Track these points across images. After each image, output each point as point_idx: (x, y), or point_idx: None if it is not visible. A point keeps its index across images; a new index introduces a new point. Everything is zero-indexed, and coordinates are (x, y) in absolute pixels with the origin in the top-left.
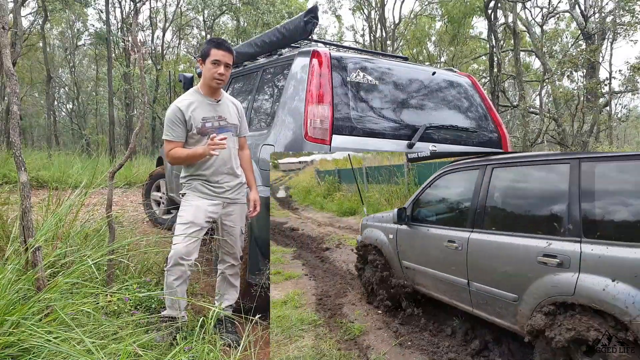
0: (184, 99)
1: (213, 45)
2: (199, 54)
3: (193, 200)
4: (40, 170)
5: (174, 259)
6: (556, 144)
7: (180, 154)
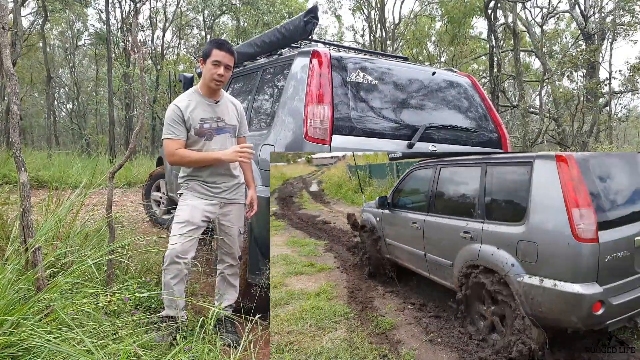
0: (182, 99)
1: (215, 45)
2: (200, 54)
3: (190, 200)
4: (40, 170)
5: (170, 258)
6: (556, 144)
7: (188, 154)
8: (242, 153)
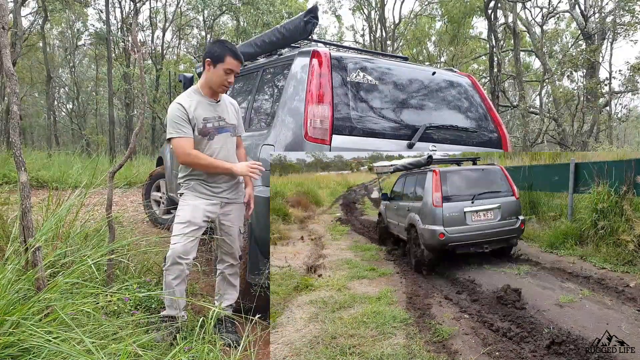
0: (185, 99)
1: (230, 53)
2: (209, 55)
3: (191, 200)
4: (40, 170)
5: (172, 258)
6: (556, 144)
7: (205, 159)
8: (253, 169)
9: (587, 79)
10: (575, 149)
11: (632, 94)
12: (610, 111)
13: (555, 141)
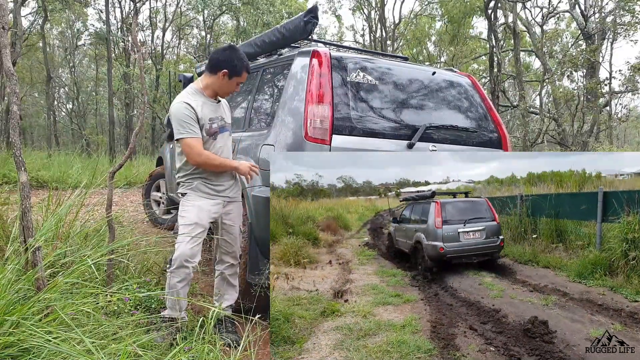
0: (190, 99)
1: (246, 69)
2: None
3: (195, 201)
4: (40, 170)
5: (179, 261)
6: (556, 144)
7: (215, 160)
8: (252, 171)
9: (587, 79)
10: (575, 149)
11: (632, 94)
12: (610, 111)
13: (555, 141)
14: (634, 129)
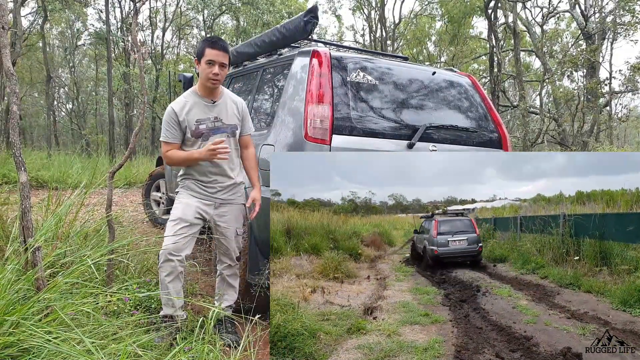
0: (179, 101)
1: (207, 44)
2: (196, 55)
3: (184, 198)
4: (40, 170)
5: (164, 255)
6: (556, 144)
7: (176, 156)
8: (213, 151)
9: (587, 78)
10: (575, 148)
11: (632, 94)
12: (610, 111)
13: (555, 141)
14: (634, 129)
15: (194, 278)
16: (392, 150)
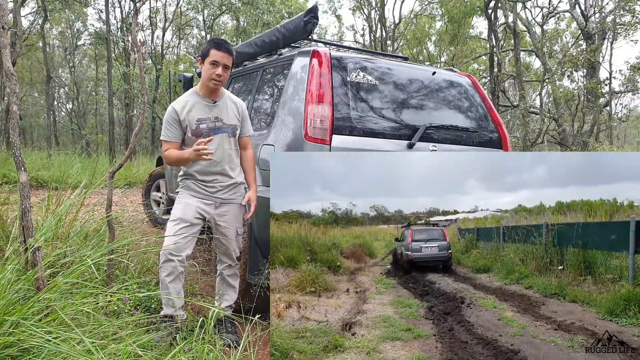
0: (180, 100)
1: (213, 45)
2: (199, 54)
3: (184, 198)
4: (40, 170)
5: (164, 255)
6: (556, 144)
7: (171, 155)
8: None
9: (587, 78)
10: (575, 148)
11: (632, 94)
12: (610, 111)
13: (555, 141)
14: (634, 129)
15: (194, 278)
16: (391, 151)
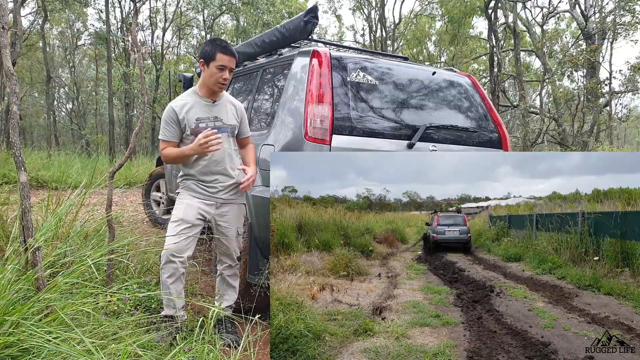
0: (179, 100)
1: (219, 49)
2: (202, 55)
3: (185, 199)
4: (40, 170)
5: (166, 257)
6: (556, 144)
7: (170, 153)
8: (203, 144)
9: (587, 78)
10: (575, 148)
11: (632, 94)
12: (610, 111)
13: (555, 141)
14: (634, 129)
15: (194, 278)
16: (392, 151)
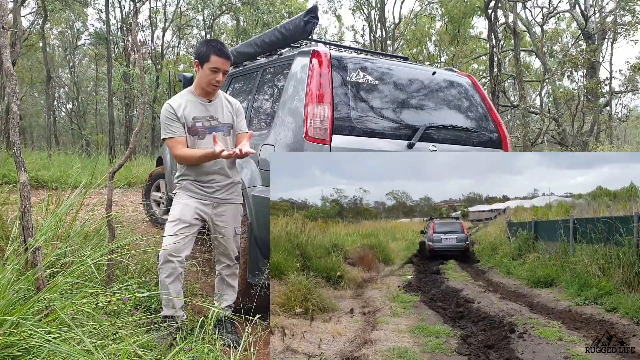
0: (175, 99)
1: (213, 51)
2: (196, 56)
3: (182, 199)
4: (40, 170)
5: (163, 257)
6: (556, 144)
7: (192, 154)
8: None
9: (588, 78)
10: (575, 148)
11: (632, 94)
12: (610, 111)
13: (555, 141)
14: (634, 129)
15: (194, 278)
16: (392, 151)
